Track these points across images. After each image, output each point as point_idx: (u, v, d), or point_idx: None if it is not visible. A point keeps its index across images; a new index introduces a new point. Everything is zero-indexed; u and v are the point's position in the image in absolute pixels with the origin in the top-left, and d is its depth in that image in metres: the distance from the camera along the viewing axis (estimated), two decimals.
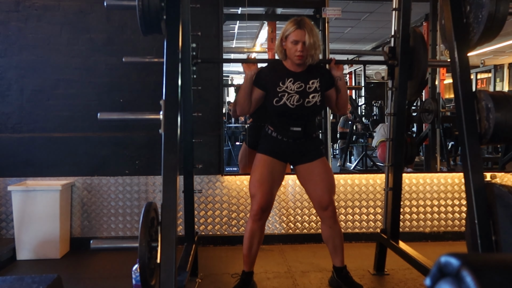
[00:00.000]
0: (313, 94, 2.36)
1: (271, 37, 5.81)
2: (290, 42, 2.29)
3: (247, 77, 2.38)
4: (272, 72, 2.41)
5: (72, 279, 2.77)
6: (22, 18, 3.33)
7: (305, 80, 2.36)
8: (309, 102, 2.35)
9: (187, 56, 2.58)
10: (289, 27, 2.30)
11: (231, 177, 3.50)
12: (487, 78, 10.53)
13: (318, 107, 2.39)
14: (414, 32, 2.62)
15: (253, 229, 2.39)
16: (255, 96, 2.40)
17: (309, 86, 2.36)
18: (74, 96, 3.39)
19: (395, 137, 2.71)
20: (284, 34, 2.32)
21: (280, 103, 2.33)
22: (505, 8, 1.87)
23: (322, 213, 2.42)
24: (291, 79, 2.36)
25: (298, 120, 2.38)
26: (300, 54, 2.28)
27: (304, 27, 2.25)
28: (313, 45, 2.26)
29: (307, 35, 2.25)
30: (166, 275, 1.70)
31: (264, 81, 2.39)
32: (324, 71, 2.44)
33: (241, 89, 2.41)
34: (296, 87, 2.35)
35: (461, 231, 3.56)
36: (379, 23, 6.66)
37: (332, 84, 2.45)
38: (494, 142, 2.00)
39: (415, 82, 2.60)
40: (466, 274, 0.48)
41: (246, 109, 2.43)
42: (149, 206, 1.83)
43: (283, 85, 2.35)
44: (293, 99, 2.33)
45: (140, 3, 1.91)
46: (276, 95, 2.34)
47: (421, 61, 2.51)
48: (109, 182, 3.41)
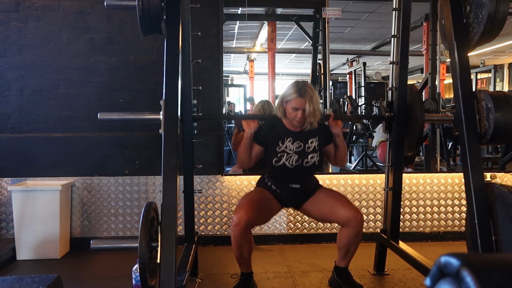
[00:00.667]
0: (312, 154, 2.39)
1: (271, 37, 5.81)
2: (290, 107, 2.32)
3: (247, 135, 2.41)
4: (272, 130, 2.44)
5: (72, 279, 2.77)
6: (22, 18, 3.33)
7: (304, 139, 2.40)
8: (307, 162, 2.38)
9: (187, 56, 2.58)
10: (291, 92, 2.32)
11: (231, 177, 3.50)
12: (487, 78, 10.52)
13: (316, 166, 2.43)
14: (411, 89, 2.64)
15: (237, 241, 2.29)
16: (255, 151, 2.44)
17: (308, 145, 2.40)
18: (74, 96, 3.39)
19: (395, 139, 2.71)
20: (285, 98, 2.35)
21: (279, 164, 2.37)
22: (505, 8, 1.87)
23: (351, 222, 2.33)
24: (290, 138, 2.39)
25: (297, 178, 2.42)
26: (299, 121, 2.33)
27: (305, 96, 2.28)
28: (313, 113, 2.31)
29: (307, 103, 2.28)
30: (166, 275, 1.70)
31: (264, 138, 2.43)
32: (322, 127, 2.47)
33: (241, 145, 2.44)
34: (295, 147, 2.38)
35: (461, 231, 3.56)
36: (379, 23, 6.66)
37: (331, 140, 2.48)
38: (494, 142, 2.00)
39: (413, 138, 2.61)
40: (466, 274, 0.48)
41: (246, 164, 2.47)
42: (149, 206, 1.83)
43: (282, 145, 2.38)
44: (292, 159, 2.37)
45: (140, 3, 1.91)
46: (276, 155, 2.38)
47: (418, 117, 2.53)
48: (109, 182, 3.41)
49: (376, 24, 6.78)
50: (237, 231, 2.25)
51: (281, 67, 10.53)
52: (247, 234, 2.28)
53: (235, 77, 11.23)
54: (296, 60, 10.35)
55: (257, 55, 8.64)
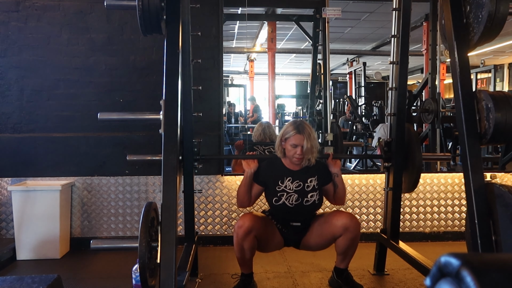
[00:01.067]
0: (312, 193, 2.40)
1: (271, 37, 5.81)
2: (289, 144, 2.35)
3: (247, 174, 2.43)
4: (271, 170, 2.46)
5: (72, 279, 2.77)
6: (22, 18, 3.33)
7: (303, 178, 2.41)
8: (307, 201, 2.40)
9: (187, 56, 2.58)
10: (289, 130, 2.37)
11: (231, 177, 3.50)
12: (487, 78, 10.53)
13: (316, 205, 2.44)
14: (408, 130, 2.67)
15: (239, 243, 2.32)
16: (254, 191, 2.46)
17: (307, 184, 2.41)
18: (74, 96, 3.39)
19: (395, 137, 2.71)
20: (284, 136, 2.39)
21: (279, 203, 2.38)
22: (505, 8, 1.87)
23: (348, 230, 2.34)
24: (289, 178, 2.40)
25: (298, 216, 2.43)
26: (299, 157, 2.34)
27: (303, 133, 2.33)
28: (311, 149, 2.34)
29: (305, 140, 2.32)
30: (166, 275, 1.70)
31: (264, 178, 2.44)
32: (321, 166, 2.48)
33: (241, 185, 2.46)
34: (294, 186, 2.40)
35: (461, 231, 3.56)
36: (379, 23, 6.66)
37: (330, 179, 2.48)
38: (494, 142, 2.00)
39: (411, 177, 2.63)
40: (466, 274, 0.48)
41: (246, 203, 2.48)
42: (149, 206, 1.83)
43: (282, 184, 2.40)
44: (292, 198, 2.38)
45: (140, 3, 1.91)
46: (275, 195, 2.39)
47: (416, 157, 2.56)
48: (109, 182, 3.41)
49: (376, 24, 6.78)
50: (241, 233, 2.27)
51: (281, 67, 10.54)
52: (250, 237, 2.29)
53: (235, 77, 11.24)
54: (296, 60, 10.36)
55: (257, 55, 8.65)
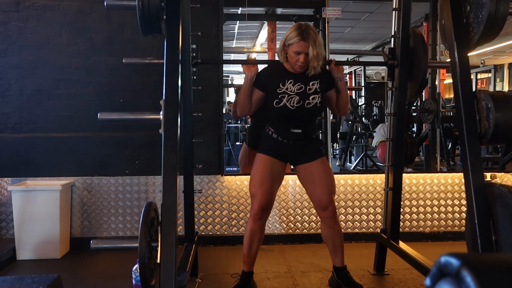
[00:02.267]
0: (313, 96, 2.35)
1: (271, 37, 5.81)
2: (292, 51, 2.27)
3: (247, 78, 2.38)
4: (272, 73, 2.41)
5: (72, 279, 2.77)
6: (22, 18, 3.33)
7: (305, 81, 2.36)
8: (309, 103, 2.34)
9: (187, 56, 2.58)
10: (293, 36, 2.25)
11: (231, 177, 3.50)
12: (487, 78, 10.52)
13: (318, 108, 2.39)
14: (414, 33, 2.62)
15: (253, 229, 2.40)
16: (255, 97, 2.41)
17: (309, 87, 2.36)
18: (74, 96, 3.38)
19: (395, 137, 2.71)
20: (287, 41, 2.28)
21: (280, 105, 2.33)
22: (505, 8, 1.87)
23: (322, 213, 2.42)
24: (291, 80, 2.35)
25: (299, 121, 2.38)
26: (301, 65, 2.28)
27: (308, 39, 2.21)
28: (316, 57, 2.24)
29: (310, 47, 2.22)
30: (166, 275, 1.70)
31: (264, 82, 2.39)
32: (324, 72, 2.43)
33: (241, 90, 2.41)
34: (296, 89, 2.34)
35: (461, 231, 3.56)
36: (379, 23, 6.65)
37: (332, 85, 2.44)
38: (494, 142, 2.00)
39: (415, 83, 2.61)
40: (466, 274, 0.48)
41: (246, 110, 2.43)
42: (149, 206, 1.83)
43: (283, 87, 2.35)
44: (293, 100, 2.33)
45: (140, 3, 1.91)
46: (276, 97, 2.34)
47: (421, 61, 2.51)
48: (109, 182, 3.41)
49: (376, 24, 6.78)
50: (256, 220, 2.37)
51: None
52: (263, 224, 2.40)
53: (235, 77, 11.22)
54: None
55: (257, 55, 8.64)
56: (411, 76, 2.63)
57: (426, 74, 2.56)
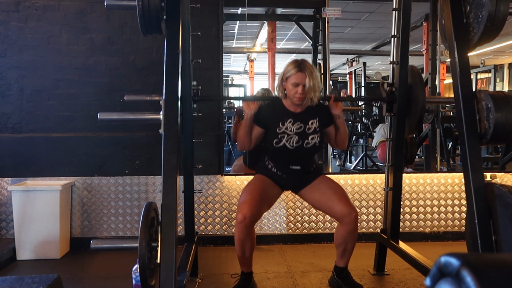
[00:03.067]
0: (312, 136, 2.39)
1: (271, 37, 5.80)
2: (290, 84, 2.32)
3: (247, 116, 2.40)
4: (272, 111, 2.44)
5: (72, 279, 2.77)
6: (22, 18, 3.33)
7: (304, 120, 2.39)
8: (308, 143, 2.38)
9: (187, 56, 2.58)
10: (290, 69, 2.32)
11: (231, 177, 3.50)
12: (487, 78, 10.52)
13: (317, 148, 2.42)
14: (412, 70, 2.64)
15: (241, 238, 2.31)
16: (255, 133, 2.44)
17: (309, 126, 2.39)
18: (74, 96, 3.39)
19: (395, 137, 2.71)
20: (285, 75, 2.35)
21: (280, 145, 2.36)
22: (505, 8, 1.87)
23: (346, 219, 2.34)
24: (290, 119, 2.38)
25: (298, 159, 2.42)
26: (300, 97, 2.31)
27: (305, 70, 2.28)
28: (313, 87, 2.30)
29: (307, 78, 2.28)
30: (166, 275, 1.70)
31: (264, 119, 2.42)
32: (323, 108, 2.47)
33: (241, 126, 2.43)
34: (295, 128, 2.38)
35: (461, 231, 3.56)
36: (379, 23, 6.65)
37: (331, 122, 2.47)
38: (494, 142, 2.00)
39: (414, 119, 2.61)
40: (466, 274, 0.48)
41: (246, 146, 2.46)
42: (149, 206, 1.83)
43: (282, 126, 2.38)
44: (293, 140, 2.36)
45: (140, 3, 1.91)
46: (276, 136, 2.37)
47: (419, 98, 2.53)
48: (109, 182, 3.41)
49: (376, 24, 6.77)
50: (241, 228, 2.26)
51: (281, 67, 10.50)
52: (250, 231, 2.30)
53: (235, 77, 11.22)
54: None
55: (257, 55, 8.63)
56: (409, 112, 2.64)
57: (424, 110, 2.57)
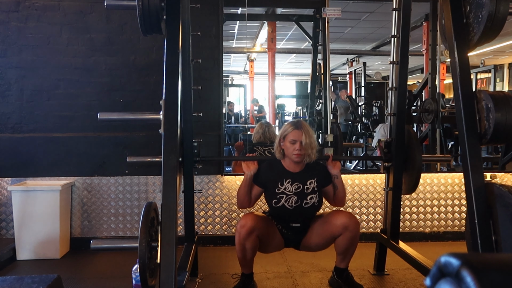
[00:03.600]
0: (311, 196, 2.41)
1: (271, 37, 5.81)
2: (288, 141, 2.38)
3: (247, 177, 2.43)
4: (271, 172, 2.46)
5: (72, 279, 2.77)
6: (22, 18, 3.33)
7: (302, 180, 2.41)
8: (307, 203, 2.40)
9: (187, 56, 2.58)
10: (287, 127, 2.42)
11: (231, 177, 3.50)
12: (487, 78, 10.53)
13: (316, 207, 2.45)
14: (408, 131, 2.67)
15: (242, 243, 2.31)
16: (254, 192, 2.46)
17: (307, 186, 2.41)
18: (74, 96, 3.38)
19: (395, 137, 2.71)
20: (283, 134, 2.42)
21: (279, 205, 2.39)
22: (505, 8, 1.87)
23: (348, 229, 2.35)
24: (289, 179, 2.41)
25: (297, 218, 2.44)
26: (298, 153, 2.35)
27: (301, 128, 2.37)
28: (310, 145, 2.37)
29: (304, 135, 2.35)
30: (166, 275, 1.70)
31: (263, 180, 2.45)
32: (321, 168, 2.49)
33: (241, 187, 2.46)
34: (294, 188, 2.40)
35: (461, 231, 3.55)
36: (379, 23, 6.66)
37: (329, 181, 2.48)
38: (494, 142, 2.00)
39: (411, 178, 2.63)
40: (466, 274, 0.48)
41: (246, 204, 2.48)
42: (149, 206, 1.83)
43: (281, 186, 2.40)
44: (291, 200, 2.39)
45: (140, 3, 1.91)
46: (275, 197, 2.39)
47: (416, 159, 2.55)
48: (109, 182, 3.41)
49: (376, 24, 6.78)
50: (243, 232, 2.27)
51: (281, 67, 10.53)
52: (252, 236, 2.29)
53: (235, 77, 11.23)
54: (296, 60, 10.35)
55: (257, 55, 8.64)
56: (407, 171, 2.67)
57: (421, 170, 2.59)
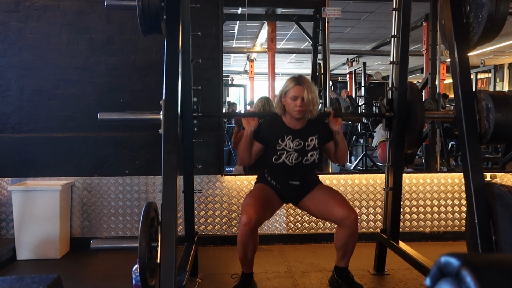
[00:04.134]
0: (312, 152, 2.40)
1: (271, 37, 5.80)
2: (289, 97, 2.35)
3: (247, 133, 2.42)
4: (271, 128, 2.45)
5: (72, 279, 2.77)
6: (22, 18, 3.33)
7: (303, 137, 2.41)
8: (307, 160, 2.40)
9: (187, 56, 2.58)
10: (289, 83, 2.37)
11: (231, 177, 3.50)
12: (487, 78, 10.53)
13: (316, 164, 2.44)
14: (411, 87, 2.64)
15: (244, 240, 2.31)
16: (255, 149, 2.45)
17: (308, 143, 2.41)
18: (74, 96, 3.38)
19: (395, 137, 2.71)
20: (284, 90, 2.38)
21: (279, 161, 2.38)
22: (505, 8, 1.87)
23: (345, 222, 2.34)
24: (290, 136, 2.40)
25: (297, 175, 2.44)
26: (299, 109, 2.33)
27: (303, 84, 2.33)
28: (311, 101, 2.33)
29: (305, 91, 2.31)
30: (166, 275, 1.70)
31: (264, 136, 2.44)
32: (322, 125, 2.48)
33: (241, 143, 2.45)
34: (295, 145, 2.39)
35: (461, 231, 3.56)
36: (379, 23, 6.65)
37: (331, 138, 2.48)
38: (494, 142, 2.00)
39: (413, 135, 2.61)
40: (466, 274, 0.48)
41: (246, 161, 2.48)
42: (149, 206, 1.83)
43: (282, 143, 2.39)
44: (292, 157, 2.38)
45: (140, 3, 1.91)
46: (275, 153, 2.39)
47: (418, 115, 2.53)
48: (109, 182, 3.41)
49: (376, 24, 6.78)
50: (245, 230, 2.27)
51: (281, 67, 10.53)
52: (254, 233, 2.31)
53: (235, 77, 11.22)
54: (296, 60, 10.35)
55: (257, 55, 8.64)
56: (409, 128, 2.64)
57: (423, 127, 2.56)
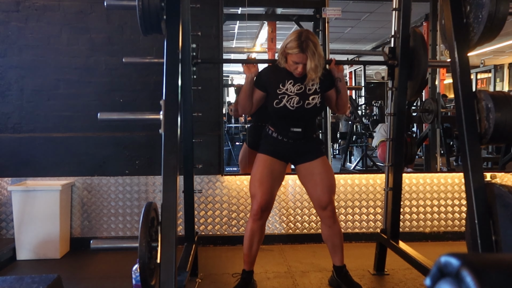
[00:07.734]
0: (313, 96, 2.37)
1: (271, 37, 5.80)
2: (291, 60, 2.28)
3: (248, 79, 2.40)
4: (273, 74, 2.42)
5: (72, 279, 2.77)
6: (22, 18, 3.33)
7: (305, 82, 2.37)
8: (309, 104, 2.36)
9: (187, 56, 2.58)
10: (293, 45, 2.24)
11: (231, 177, 3.50)
12: (487, 78, 10.52)
13: (318, 108, 2.40)
14: (414, 33, 2.62)
15: (253, 229, 2.41)
16: (256, 97, 2.43)
17: (309, 88, 2.37)
18: (74, 96, 3.38)
19: (395, 137, 2.71)
20: (287, 49, 2.27)
21: (280, 105, 2.35)
22: (505, 8, 1.87)
23: (322, 213, 2.44)
24: (291, 81, 2.37)
25: (298, 121, 2.39)
26: (300, 74, 2.31)
27: (307, 51, 2.21)
28: (314, 69, 2.24)
29: (309, 60, 2.22)
30: (166, 275, 1.70)
31: (265, 82, 2.41)
32: (324, 72, 2.43)
33: (242, 90, 2.43)
34: (296, 89, 2.36)
35: (461, 231, 3.55)
36: (379, 23, 6.66)
37: (332, 85, 2.45)
38: (494, 142, 2.00)
39: (415, 83, 2.61)
40: (466, 274, 0.48)
41: (247, 110, 2.45)
42: (149, 206, 1.83)
43: (283, 87, 2.36)
44: (293, 101, 2.34)
45: (140, 3, 1.91)
46: (276, 97, 2.36)
47: (421, 61, 2.51)
48: (109, 182, 3.41)
49: (376, 24, 6.78)
50: (256, 220, 2.38)
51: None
52: (263, 224, 2.42)
53: (235, 77, 11.22)
54: None
55: (257, 55, 8.64)
56: (411, 76, 2.63)
57: (426, 73, 2.56)
